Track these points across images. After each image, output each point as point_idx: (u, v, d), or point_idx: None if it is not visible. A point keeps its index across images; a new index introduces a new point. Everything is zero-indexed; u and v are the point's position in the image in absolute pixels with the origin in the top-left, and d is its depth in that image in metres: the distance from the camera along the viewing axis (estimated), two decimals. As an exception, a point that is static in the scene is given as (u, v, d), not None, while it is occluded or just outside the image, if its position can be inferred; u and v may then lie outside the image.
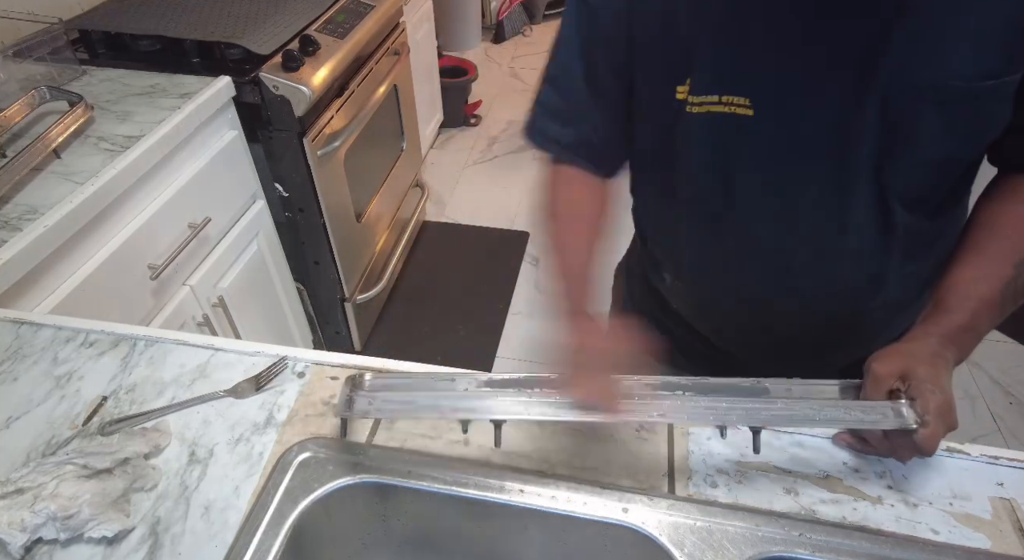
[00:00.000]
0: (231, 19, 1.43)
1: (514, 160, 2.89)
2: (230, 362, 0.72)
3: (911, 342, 0.59)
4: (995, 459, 0.61)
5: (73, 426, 0.65)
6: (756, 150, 0.62)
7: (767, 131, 0.60)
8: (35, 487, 0.54)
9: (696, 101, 0.61)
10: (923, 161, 0.59)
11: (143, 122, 1.14)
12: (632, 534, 0.57)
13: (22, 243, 0.89)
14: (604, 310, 1.04)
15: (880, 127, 0.57)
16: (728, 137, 0.62)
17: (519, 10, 3.89)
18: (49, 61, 1.24)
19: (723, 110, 0.60)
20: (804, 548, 0.54)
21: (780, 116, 0.59)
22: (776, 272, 0.69)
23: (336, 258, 1.68)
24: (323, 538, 0.63)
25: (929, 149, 0.58)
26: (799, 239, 0.66)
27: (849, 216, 0.63)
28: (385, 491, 0.62)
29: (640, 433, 0.65)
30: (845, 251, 0.66)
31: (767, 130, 0.60)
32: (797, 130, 0.60)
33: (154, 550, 0.56)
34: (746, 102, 0.59)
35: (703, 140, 0.64)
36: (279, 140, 1.42)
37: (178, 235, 1.19)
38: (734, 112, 0.60)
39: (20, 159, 0.99)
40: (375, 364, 0.71)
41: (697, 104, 0.61)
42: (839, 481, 0.60)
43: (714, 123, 0.61)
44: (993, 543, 0.55)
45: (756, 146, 0.62)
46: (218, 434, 0.65)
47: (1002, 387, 1.87)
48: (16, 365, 0.72)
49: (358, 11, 1.62)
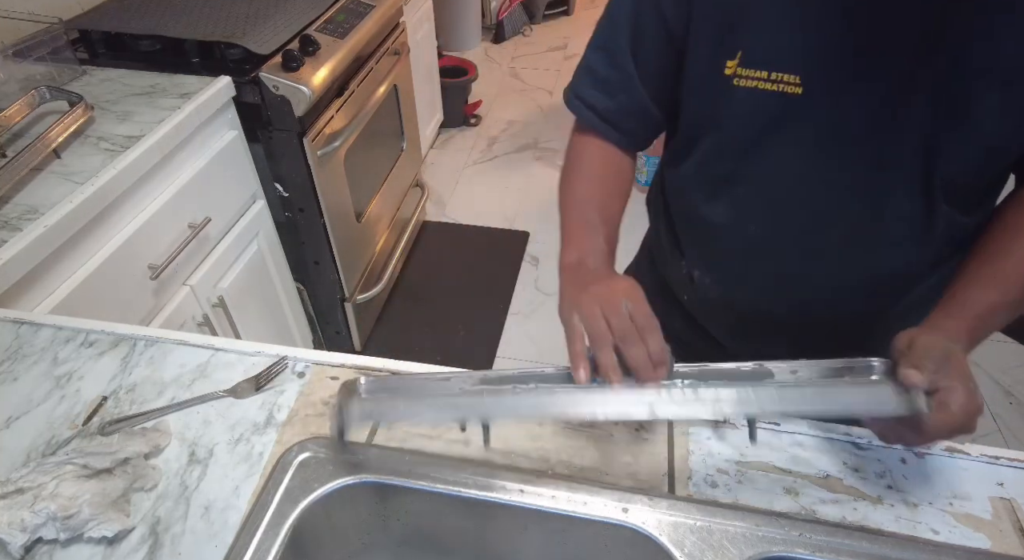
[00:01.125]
0: (231, 19, 1.43)
1: (514, 160, 2.89)
2: (230, 362, 0.72)
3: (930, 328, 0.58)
4: (995, 459, 0.61)
5: (73, 426, 0.65)
6: (800, 130, 0.62)
7: (815, 111, 0.60)
8: (35, 487, 0.54)
9: (744, 74, 0.61)
10: (975, 146, 0.58)
11: (143, 122, 1.14)
12: (632, 534, 0.57)
13: (22, 243, 0.89)
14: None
15: (933, 111, 0.56)
16: (772, 115, 0.62)
17: (519, 10, 3.89)
18: (49, 61, 1.24)
19: (770, 88, 0.60)
20: (804, 548, 0.54)
21: (830, 97, 0.59)
22: (807, 257, 0.68)
23: (336, 258, 1.68)
24: (323, 538, 0.63)
25: (983, 133, 0.57)
26: (834, 224, 0.65)
27: (888, 203, 0.63)
28: (385, 491, 0.62)
29: (640, 433, 0.65)
30: (880, 240, 0.65)
31: (815, 110, 0.60)
32: (846, 112, 0.59)
33: (154, 550, 0.56)
34: (796, 80, 0.59)
35: (745, 116, 0.63)
36: (279, 140, 1.42)
37: (178, 235, 1.19)
38: (783, 90, 0.59)
39: (20, 159, 0.99)
40: (375, 364, 0.71)
41: (745, 77, 0.61)
42: (839, 481, 0.60)
43: (759, 100, 0.61)
44: (993, 543, 0.55)
45: (801, 126, 0.61)
46: (218, 434, 0.65)
47: (1002, 387, 1.87)
48: (16, 365, 0.72)
49: (358, 11, 1.62)
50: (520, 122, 3.15)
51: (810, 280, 0.70)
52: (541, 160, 2.87)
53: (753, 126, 0.63)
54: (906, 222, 0.64)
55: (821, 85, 0.59)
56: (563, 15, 4.16)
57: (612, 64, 0.70)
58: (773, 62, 0.59)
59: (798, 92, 0.59)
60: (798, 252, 0.69)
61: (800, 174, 0.64)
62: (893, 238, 0.65)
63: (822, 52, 0.58)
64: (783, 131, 0.62)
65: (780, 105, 0.60)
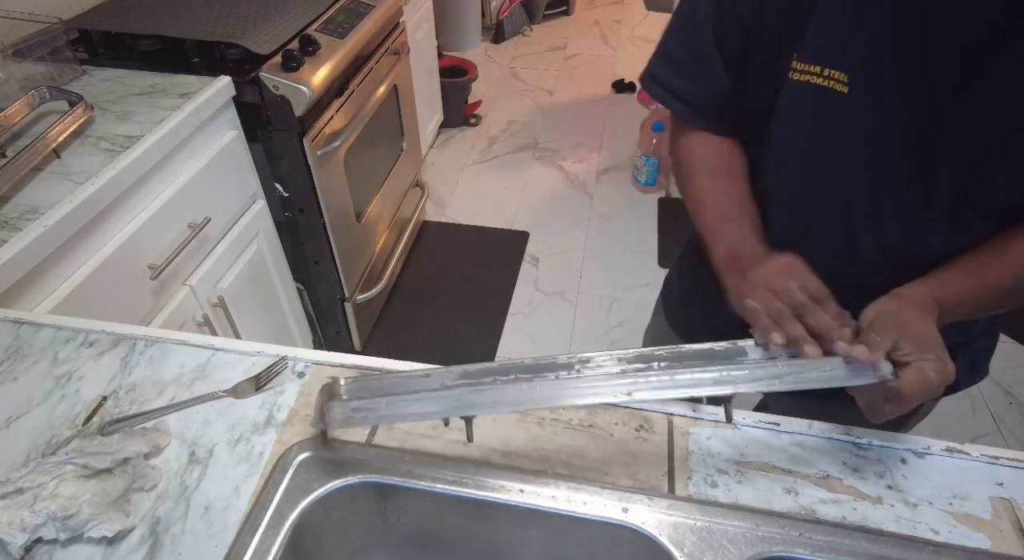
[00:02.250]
0: (231, 19, 1.43)
1: (514, 160, 2.89)
2: (230, 362, 0.72)
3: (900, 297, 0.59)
4: (995, 459, 0.61)
5: (73, 426, 0.65)
6: (843, 131, 0.62)
7: (857, 113, 0.60)
8: (35, 487, 0.54)
9: (800, 68, 0.61)
10: (1018, 170, 0.58)
11: (143, 122, 1.14)
12: (632, 534, 0.57)
13: (22, 243, 0.88)
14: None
15: (978, 127, 0.56)
16: (821, 112, 0.62)
17: (519, 10, 3.89)
18: (49, 61, 1.24)
19: (822, 83, 0.60)
20: (804, 548, 0.54)
21: (872, 100, 0.59)
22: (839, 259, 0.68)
23: (336, 258, 1.68)
24: (323, 538, 0.63)
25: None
26: (868, 230, 0.66)
27: (924, 215, 0.62)
28: (385, 491, 0.62)
29: (640, 433, 0.65)
30: (912, 251, 0.65)
31: (857, 111, 0.60)
32: (888, 115, 0.59)
33: (154, 550, 0.56)
34: (843, 78, 0.59)
35: (798, 110, 0.63)
36: (279, 140, 1.42)
37: (178, 235, 1.19)
38: (832, 87, 0.59)
39: (20, 159, 0.99)
40: (375, 364, 0.71)
41: (801, 71, 0.61)
42: (839, 481, 0.60)
43: (812, 94, 0.61)
44: (993, 543, 0.55)
45: (844, 126, 0.61)
46: (218, 434, 0.65)
47: (1002, 387, 1.87)
48: (16, 365, 0.72)
49: (358, 11, 1.62)
50: (520, 122, 3.15)
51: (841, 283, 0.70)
52: (541, 160, 2.87)
53: (801, 121, 0.64)
54: (940, 236, 0.64)
55: (865, 86, 0.58)
56: (563, 15, 4.16)
57: (694, 46, 0.70)
58: (826, 57, 0.59)
59: (844, 91, 0.59)
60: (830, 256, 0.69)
61: (838, 177, 0.64)
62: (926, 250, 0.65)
63: (870, 52, 0.58)
64: (828, 130, 0.62)
65: (829, 101, 0.60)
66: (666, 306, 1.02)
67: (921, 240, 0.64)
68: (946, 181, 0.60)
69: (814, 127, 0.63)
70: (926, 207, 0.62)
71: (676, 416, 0.66)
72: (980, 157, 0.58)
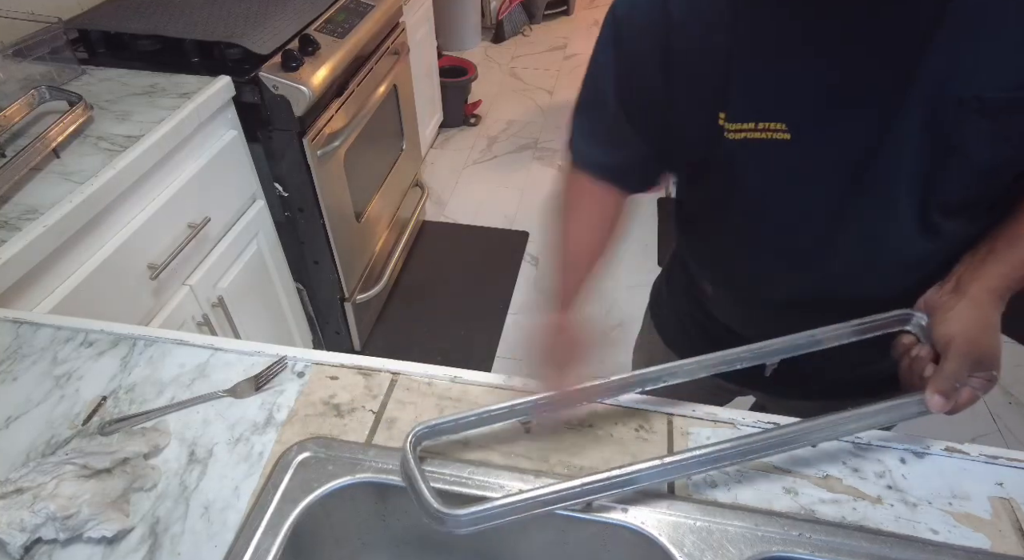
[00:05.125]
0: (231, 19, 1.43)
1: (514, 160, 2.89)
2: (230, 362, 0.72)
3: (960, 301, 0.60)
4: (995, 459, 0.61)
5: (73, 426, 0.65)
6: (795, 172, 0.62)
7: (806, 153, 0.60)
8: (35, 487, 0.54)
9: (733, 128, 0.61)
10: (971, 172, 0.58)
11: (142, 122, 1.14)
12: (632, 534, 0.57)
13: (22, 243, 0.88)
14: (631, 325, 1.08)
15: (924, 140, 0.56)
16: (766, 161, 0.62)
17: (519, 10, 3.89)
18: (49, 61, 1.24)
19: (760, 136, 0.60)
20: (804, 548, 0.54)
21: (818, 137, 0.59)
22: (815, 284, 0.69)
23: (336, 258, 1.68)
24: (323, 538, 0.63)
25: (977, 160, 0.57)
26: (839, 252, 0.66)
27: (891, 228, 0.63)
28: (385, 491, 0.62)
29: (640, 432, 0.65)
30: (887, 262, 0.66)
31: (806, 152, 0.60)
32: (836, 149, 0.59)
33: (154, 550, 0.56)
34: (782, 127, 0.59)
35: (741, 164, 0.64)
36: (279, 140, 1.42)
37: (178, 235, 1.19)
38: (771, 138, 0.60)
39: (20, 159, 0.98)
40: (375, 364, 0.71)
41: (734, 131, 0.61)
42: (839, 481, 0.60)
43: (753, 147, 0.61)
44: (993, 543, 0.55)
45: (795, 168, 0.62)
46: (218, 434, 0.65)
47: (1002, 387, 1.87)
48: (16, 365, 0.72)
49: (358, 11, 1.62)
50: (520, 122, 3.15)
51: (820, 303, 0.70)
52: (541, 160, 2.87)
53: (747, 170, 0.64)
54: (911, 244, 0.64)
55: (808, 128, 0.59)
56: (563, 15, 4.16)
57: (604, 119, 0.70)
58: (757, 112, 0.60)
59: (787, 137, 0.59)
60: (803, 280, 0.70)
61: (799, 209, 0.65)
62: (900, 260, 0.65)
63: (803, 97, 0.58)
64: (779, 174, 0.63)
65: (771, 150, 0.60)
66: (656, 320, 1.01)
67: (889, 248, 0.65)
68: (904, 194, 0.60)
69: (760, 174, 0.64)
70: (889, 220, 0.62)
71: (676, 416, 0.66)
72: (931, 169, 0.58)
